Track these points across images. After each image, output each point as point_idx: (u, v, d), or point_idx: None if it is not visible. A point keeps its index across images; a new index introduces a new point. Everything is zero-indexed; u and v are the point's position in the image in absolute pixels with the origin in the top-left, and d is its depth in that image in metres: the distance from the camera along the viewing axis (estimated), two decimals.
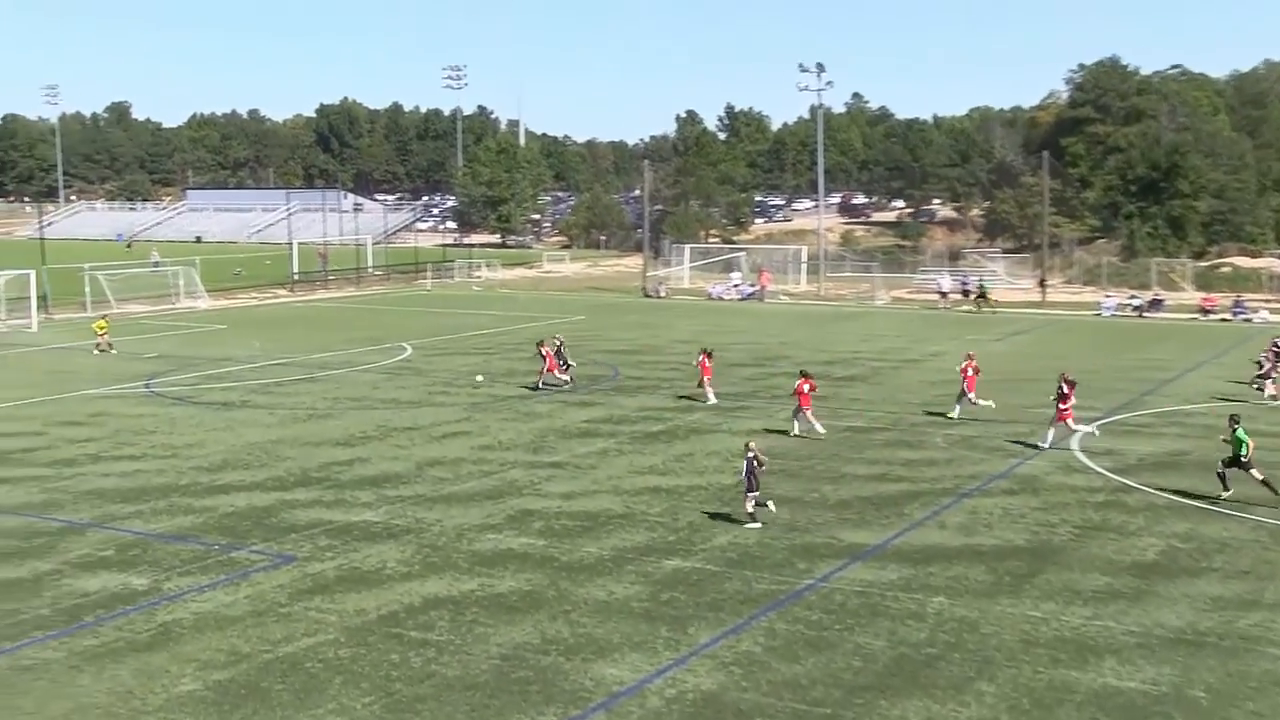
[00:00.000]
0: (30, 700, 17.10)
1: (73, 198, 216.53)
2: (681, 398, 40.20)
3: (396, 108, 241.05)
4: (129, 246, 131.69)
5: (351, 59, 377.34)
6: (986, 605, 20.52)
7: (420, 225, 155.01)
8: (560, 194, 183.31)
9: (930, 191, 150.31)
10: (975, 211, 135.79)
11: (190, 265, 78.48)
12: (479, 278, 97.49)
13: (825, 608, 20.44)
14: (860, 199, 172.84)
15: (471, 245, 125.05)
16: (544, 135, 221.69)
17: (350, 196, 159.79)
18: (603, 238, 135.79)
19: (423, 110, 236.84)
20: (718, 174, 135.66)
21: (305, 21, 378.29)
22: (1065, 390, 32.32)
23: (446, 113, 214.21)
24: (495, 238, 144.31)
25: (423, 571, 22.49)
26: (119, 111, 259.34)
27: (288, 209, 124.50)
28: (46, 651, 18.74)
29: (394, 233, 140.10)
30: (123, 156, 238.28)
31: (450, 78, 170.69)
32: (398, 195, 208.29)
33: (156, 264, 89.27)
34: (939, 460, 31.30)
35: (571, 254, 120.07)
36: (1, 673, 17.96)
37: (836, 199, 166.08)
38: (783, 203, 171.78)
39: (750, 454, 25.21)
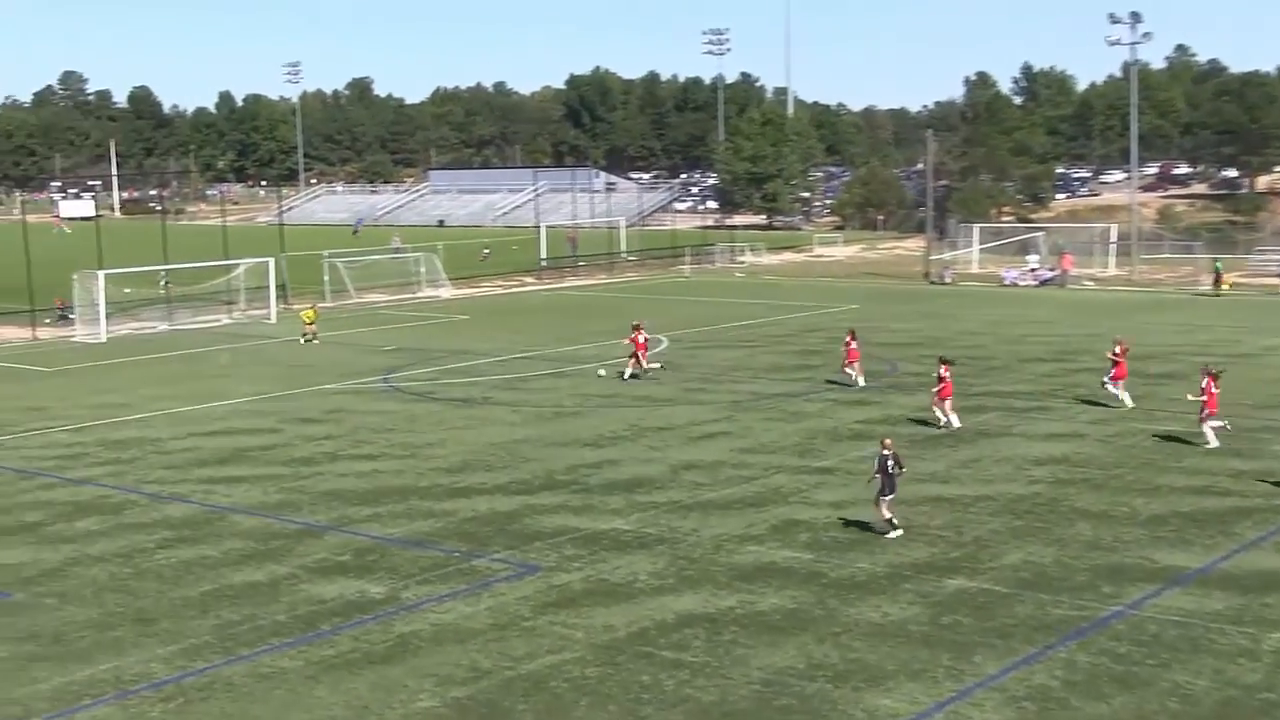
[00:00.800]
0: (268, 710, 18.08)
1: (312, 181, 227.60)
2: (831, 382, 39.44)
3: (653, 77, 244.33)
4: (356, 232, 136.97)
5: (604, 25, 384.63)
6: None
7: (678, 205, 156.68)
8: (833, 169, 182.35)
9: (1271, 157, 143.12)
10: None
11: (432, 251, 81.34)
12: (742, 263, 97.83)
13: (1135, 639, 19.76)
14: (1182, 168, 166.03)
15: (734, 227, 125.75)
16: (815, 104, 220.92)
17: (602, 175, 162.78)
18: (880, 217, 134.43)
19: (681, 79, 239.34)
20: (1012, 143, 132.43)
21: None
22: (1205, 384, 32.91)
23: (707, 81, 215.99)
24: (760, 218, 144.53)
25: (677, 585, 22.75)
26: (360, 88, 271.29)
27: (535, 189, 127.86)
28: (284, 660, 19.76)
29: (649, 214, 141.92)
30: (364, 136, 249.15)
31: (711, 43, 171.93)
32: (653, 173, 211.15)
33: (397, 250, 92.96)
34: (1277, 471, 29.81)
35: (845, 236, 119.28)
36: (240, 680, 19.04)
37: (1153, 169, 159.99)
38: (1088, 175, 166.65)
39: (886, 453, 25.16)
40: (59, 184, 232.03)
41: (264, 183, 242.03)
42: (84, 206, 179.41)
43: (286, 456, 33.90)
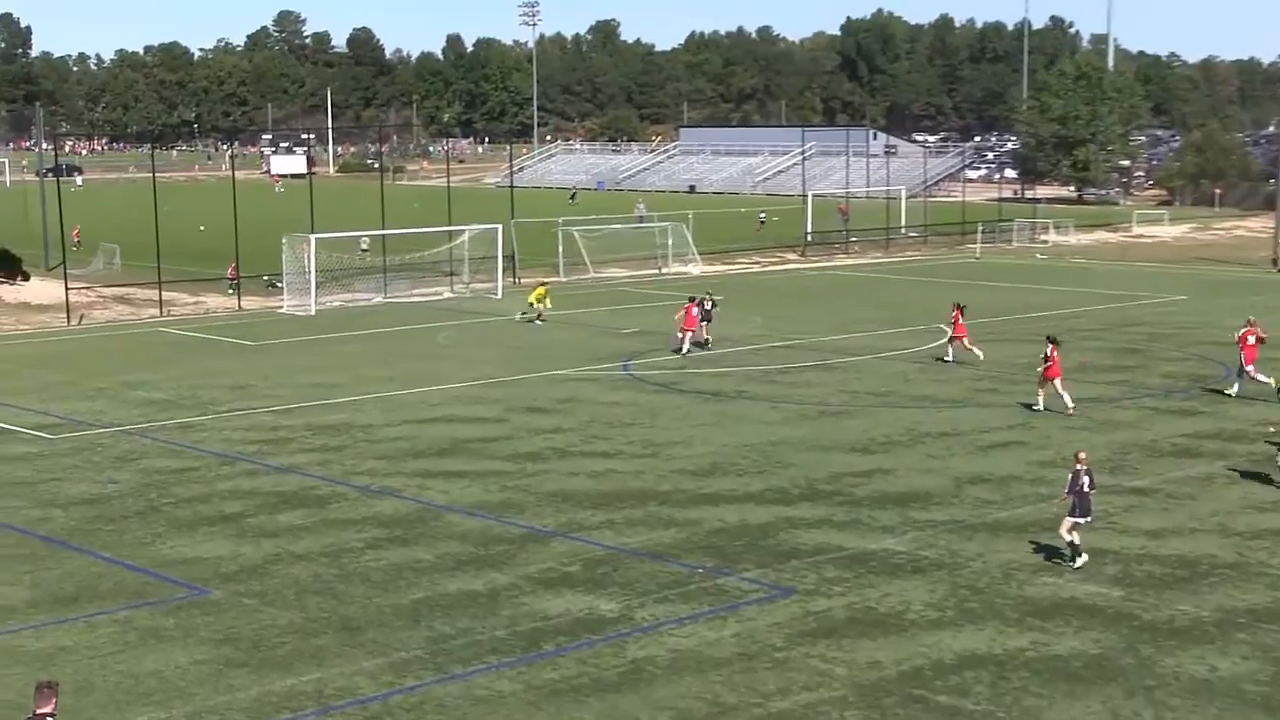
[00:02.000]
0: None
1: (548, 137, 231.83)
2: (937, 359, 38.07)
3: (944, 22, 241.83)
4: (574, 199, 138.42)
5: None
6: None
7: (970, 174, 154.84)
8: (1160, 133, 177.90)
9: None
10: None
11: (681, 221, 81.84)
12: (1044, 243, 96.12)
13: None
14: None
15: (1036, 200, 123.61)
16: (1140, 54, 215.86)
17: (881, 136, 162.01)
18: (1217, 191, 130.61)
19: (978, 25, 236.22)
20: None
21: None
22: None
23: (1010, 27, 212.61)
24: (1068, 190, 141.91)
25: (957, 619, 22.51)
26: (605, 32, 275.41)
27: (802, 152, 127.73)
28: (502, 682, 20.18)
29: (935, 183, 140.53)
30: (607, 88, 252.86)
31: None
32: (941, 135, 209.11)
33: (641, 218, 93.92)
34: None
35: (1172, 213, 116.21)
36: (453, 701, 19.52)
37: None
38: None
39: (1080, 468, 25.01)
40: (269, 137, 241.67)
41: (485, 139, 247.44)
42: (296, 162, 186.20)
43: (511, 450, 34.58)
